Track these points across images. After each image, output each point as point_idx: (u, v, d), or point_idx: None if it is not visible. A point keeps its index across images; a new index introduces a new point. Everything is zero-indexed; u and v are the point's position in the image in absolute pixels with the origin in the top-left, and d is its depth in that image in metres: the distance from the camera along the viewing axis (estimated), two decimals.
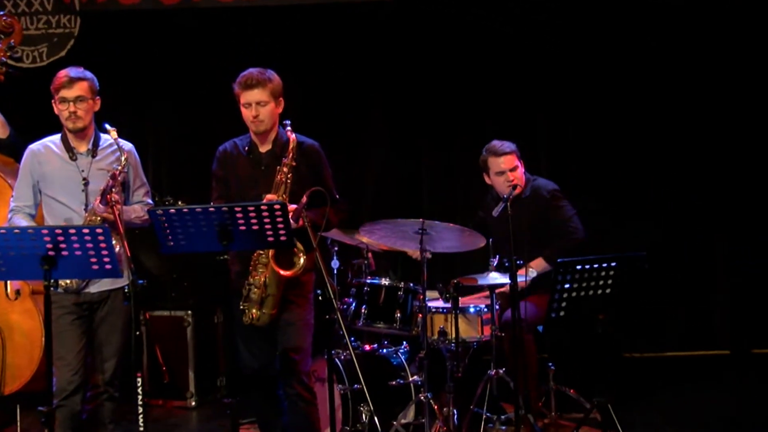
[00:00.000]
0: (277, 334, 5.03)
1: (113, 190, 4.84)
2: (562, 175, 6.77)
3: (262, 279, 4.92)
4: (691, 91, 7.70)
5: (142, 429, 4.56)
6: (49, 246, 4.26)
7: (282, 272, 4.88)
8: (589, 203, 7.03)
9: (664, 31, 7.58)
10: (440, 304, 5.91)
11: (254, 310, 4.94)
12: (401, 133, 8.00)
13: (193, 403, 6.95)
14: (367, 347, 6.17)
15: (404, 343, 6.29)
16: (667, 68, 7.68)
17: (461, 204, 7.82)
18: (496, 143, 6.10)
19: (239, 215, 4.42)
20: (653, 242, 7.48)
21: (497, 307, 5.84)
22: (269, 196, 4.86)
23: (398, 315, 5.95)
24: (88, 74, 5.03)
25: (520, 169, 6.10)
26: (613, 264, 5.00)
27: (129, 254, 4.61)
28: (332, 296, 4.60)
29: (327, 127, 7.56)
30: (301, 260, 4.88)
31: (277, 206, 4.43)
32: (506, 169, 6.04)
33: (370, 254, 6.31)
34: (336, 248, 6.27)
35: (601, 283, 5.02)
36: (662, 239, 7.74)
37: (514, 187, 5.89)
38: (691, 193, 7.80)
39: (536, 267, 5.91)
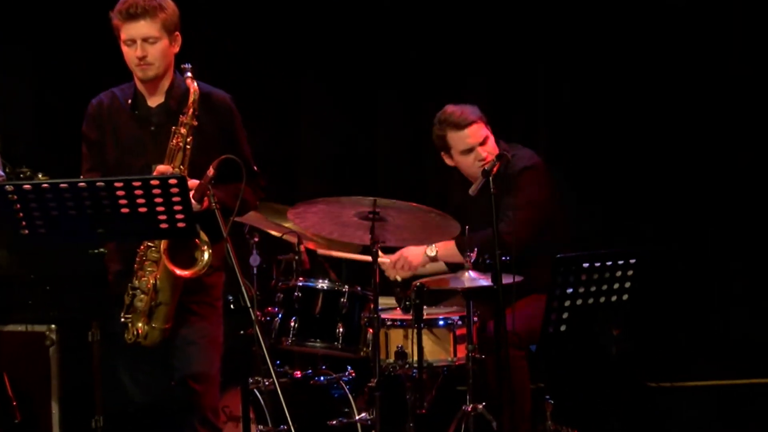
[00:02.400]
0: (173, 356, 5.04)
1: None
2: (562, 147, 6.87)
3: (152, 281, 4.90)
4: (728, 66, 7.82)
5: None
6: None
7: (179, 271, 4.86)
8: (598, 186, 7.10)
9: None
10: (398, 315, 5.92)
11: (140, 324, 4.93)
12: (349, 88, 8.01)
13: None
14: (298, 374, 6.19)
15: (349, 368, 6.33)
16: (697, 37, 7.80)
17: (430, 184, 7.88)
18: (453, 110, 6.13)
19: (120, 193, 4.42)
20: (681, 236, 7.54)
21: (475, 318, 5.83)
22: (161, 168, 4.85)
23: (341, 330, 5.97)
24: None
25: (491, 139, 6.13)
26: (632, 261, 5.03)
27: None
28: (249, 304, 4.58)
29: (244, 77, 7.53)
30: (206, 255, 4.86)
31: (173, 181, 4.43)
32: (474, 143, 6.08)
33: (303, 247, 6.32)
34: (256, 239, 6.27)
35: (616, 287, 5.06)
36: (695, 233, 7.78)
37: (499, 156, 5.86)
38: (729, 184, 7.87)
39: (440, 249, 5.91)
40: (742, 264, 7.91)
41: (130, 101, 5.10)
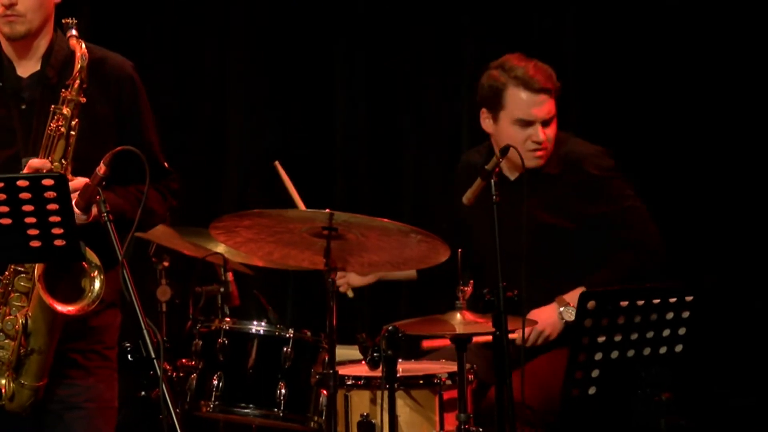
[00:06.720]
0: (49, 426, 5.01)
1: None
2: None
3: (21, 321, 4.84)
4: None
5: None
6: None
7: (60, 307, 4.81)
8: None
9: None
10: (363, 371, 5.88)
11: (4, 381, 4.90)
12: (293, 49, 8.10)
13: None
14: None
15: None
16: None
17: (408, 192, 8.01)
18: (527, 64, 6.15)
19: None
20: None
21: (471, 377, 5.84)
22: (35, 162, 4.82)
23: (283, 392, 6.02)
24: None
25: (555, 124, 6.19)
26: (688, 299, 5.01)
27: None
28: (154, 355, 4.53)
29: (153, 43, 7.69)
30: (97, 284, 4.82)
31: (48, 181, 4.43)
32: (539, 118, 6.12)
33: (231, 276, 6.42)
34: (166, 264, 6.38)
35: (666, 333, 5.04)
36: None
37: (504, 150, 5.80)
38: None
39: (574, 302, 5.91)
40: None
41: None
